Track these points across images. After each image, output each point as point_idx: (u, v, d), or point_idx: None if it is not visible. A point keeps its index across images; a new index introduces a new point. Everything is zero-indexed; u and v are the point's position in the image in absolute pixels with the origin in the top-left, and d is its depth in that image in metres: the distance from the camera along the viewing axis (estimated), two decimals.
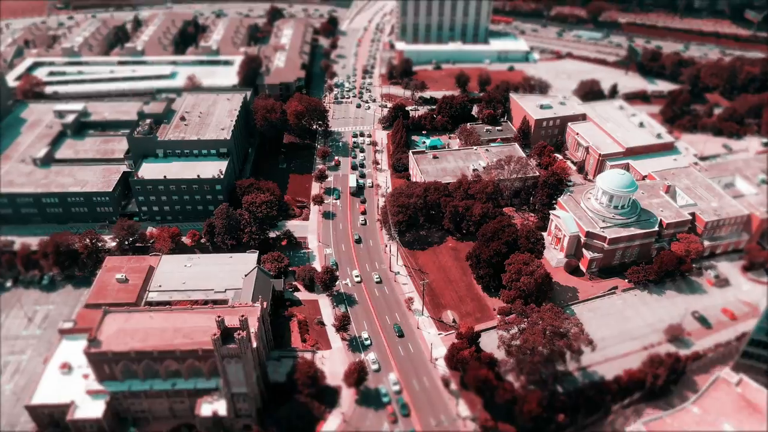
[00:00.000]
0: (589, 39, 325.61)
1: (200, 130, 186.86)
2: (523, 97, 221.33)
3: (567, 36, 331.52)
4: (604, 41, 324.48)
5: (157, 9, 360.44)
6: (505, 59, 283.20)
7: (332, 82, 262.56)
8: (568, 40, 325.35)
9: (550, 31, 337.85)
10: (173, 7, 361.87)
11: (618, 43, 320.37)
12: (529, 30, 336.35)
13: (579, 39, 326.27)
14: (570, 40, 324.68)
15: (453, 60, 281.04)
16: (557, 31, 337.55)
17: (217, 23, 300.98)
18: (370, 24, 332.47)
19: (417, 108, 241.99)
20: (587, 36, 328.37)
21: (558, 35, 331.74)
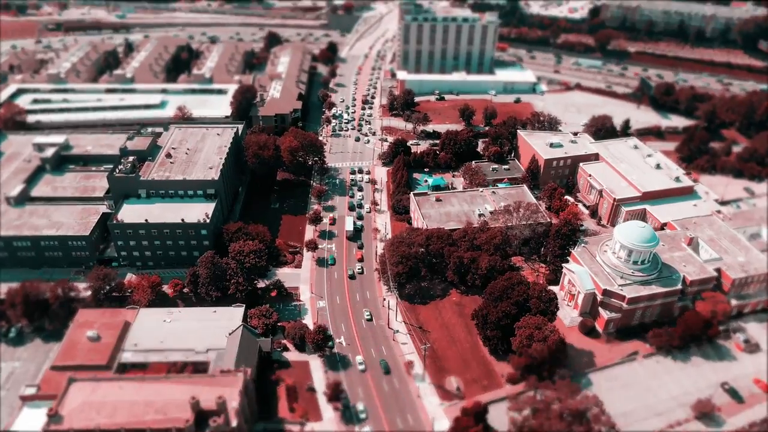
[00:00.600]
0: (589, 67, 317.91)
1: (187, 168, 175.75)
2: (532, 134, 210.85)
3: (566, 63, 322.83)
4: (611, 70, 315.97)
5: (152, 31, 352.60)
6: (511, 90, 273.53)
7: (330, 114, 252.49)
8: (566, 67, 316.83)
9: (547, 57, 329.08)
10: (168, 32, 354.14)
11: (621, 72, 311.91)
12: (526, 57, 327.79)
13: (578, 67, 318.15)
14: (569, 68, 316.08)
15: (457, 91, 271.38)
16: (555, 58, 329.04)
17: (211, 49, 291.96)
18: (371, 51, 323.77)
19: (418, 142, 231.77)
20: (587, 64, 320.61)
21: (556, 62, 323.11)
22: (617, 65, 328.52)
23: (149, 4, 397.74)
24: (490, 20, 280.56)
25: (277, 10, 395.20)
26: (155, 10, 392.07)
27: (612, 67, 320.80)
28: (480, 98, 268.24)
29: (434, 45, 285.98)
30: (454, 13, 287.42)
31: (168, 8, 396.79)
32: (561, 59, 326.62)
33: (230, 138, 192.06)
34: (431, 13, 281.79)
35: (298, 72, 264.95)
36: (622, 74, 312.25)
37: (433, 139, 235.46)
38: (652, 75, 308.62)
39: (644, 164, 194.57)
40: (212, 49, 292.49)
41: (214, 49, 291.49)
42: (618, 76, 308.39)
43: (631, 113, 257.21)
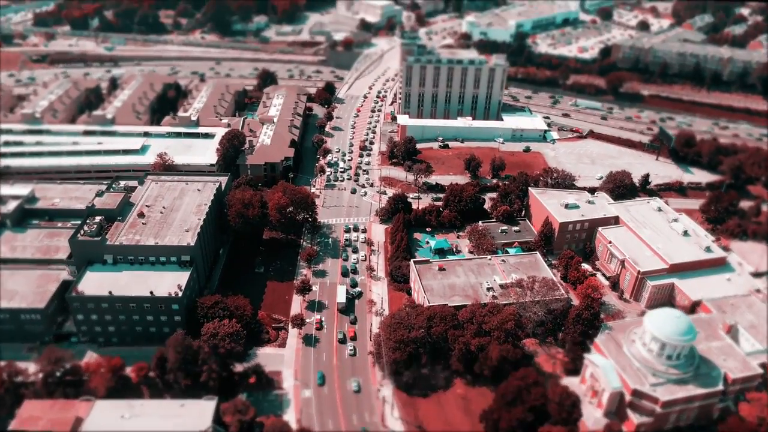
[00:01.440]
0: (587, 108, 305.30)
1: (160, 231, 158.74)
2: (545, 192, 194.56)
3: (563, 104, 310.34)
4: (610, 110, 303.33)
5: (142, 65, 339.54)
6: (520, 138, 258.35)
7: (325, 161, 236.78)
8: (564, 108, 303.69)
9: (542, 98, 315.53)
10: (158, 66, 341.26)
11: (630, 116, 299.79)
12: (522, 97, 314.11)
13: (576, 108, 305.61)
14: (567, 109, 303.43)
15: (462, 137, 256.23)
16: (550, 98, 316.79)
17: (200, 88, 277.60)
18: (370, 90, 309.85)
19: (420, 196, 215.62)
20: (584, 105, 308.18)
21: (552, 103, 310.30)
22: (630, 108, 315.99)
23: (140, 36, 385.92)
24: (498, 63, 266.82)
25: (274, 44, 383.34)
26: (146, 43, 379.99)
27: (613, 107, 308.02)
28: (487, 146, 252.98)
29: (438, 87, 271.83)
30: (459, 54, 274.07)
31: (160, 40, 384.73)
32: (558, 100, 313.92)
33: (212, 194, 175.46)
34: (435, 55, 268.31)
35: (292, 115, 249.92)
36: (630, 118, 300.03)
37: (436, 192, 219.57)
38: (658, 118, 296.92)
39: (670, 230, 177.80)
40: (201, 87, 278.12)
41: (203, 87, 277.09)
42: (629, 121, 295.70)
43: (650, 166, 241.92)
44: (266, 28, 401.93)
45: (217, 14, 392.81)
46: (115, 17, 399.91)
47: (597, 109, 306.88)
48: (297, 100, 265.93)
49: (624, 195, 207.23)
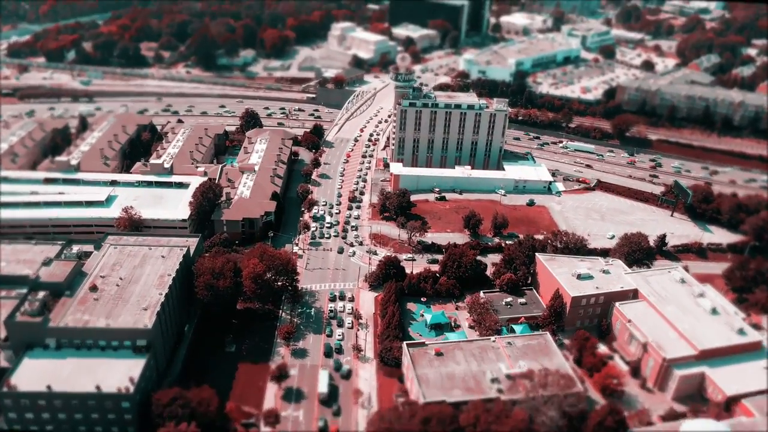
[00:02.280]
0: (577, 151, 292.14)
1: (114, 308, 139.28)
2: (554, 259, 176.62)
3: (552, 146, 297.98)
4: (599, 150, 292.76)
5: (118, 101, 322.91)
6: (523, 190, 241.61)
7: (310, 215, 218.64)
8: (552, 150, 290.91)
9: (532, 139, 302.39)
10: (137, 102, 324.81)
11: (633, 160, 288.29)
12: (509, 138, 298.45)
13: (566, 151, 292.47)
14: (555, 151, 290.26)
15: (460, 189, 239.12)
16: (538, 140, 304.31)
17: (177, 130, 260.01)
18: (362, 133, 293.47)
19: (414, 257, 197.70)
20: (573, 147, 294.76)
21: (539, 145, 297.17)
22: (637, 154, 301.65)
23: (119, 70, 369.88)
24: (499, 108, 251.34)
25: (261, 79, 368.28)
26: (125, 77, 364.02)
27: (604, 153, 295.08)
28: (487, 198, 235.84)
29: (434, 133, 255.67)
30: (457, 98, 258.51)
31: (140, 74, 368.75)
32: (546, 143, 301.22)
33: (177, 262, 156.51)
34: (431, 98, 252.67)
35: (275, 163, 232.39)
36: (633, 164, 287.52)
37: (432, 252, 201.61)
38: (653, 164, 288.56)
39: (696, 306, 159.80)
40: (178, 129, 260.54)
41: (180, 130, 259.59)
42: (633, 167, 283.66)
43: (665, 223, 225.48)
44: (253, 62, 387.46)
45: (201, 47, 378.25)
46: (93, 49, 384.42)
47: (589, 152, 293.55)
48: (281, 145, 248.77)
49: (640, 260, 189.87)
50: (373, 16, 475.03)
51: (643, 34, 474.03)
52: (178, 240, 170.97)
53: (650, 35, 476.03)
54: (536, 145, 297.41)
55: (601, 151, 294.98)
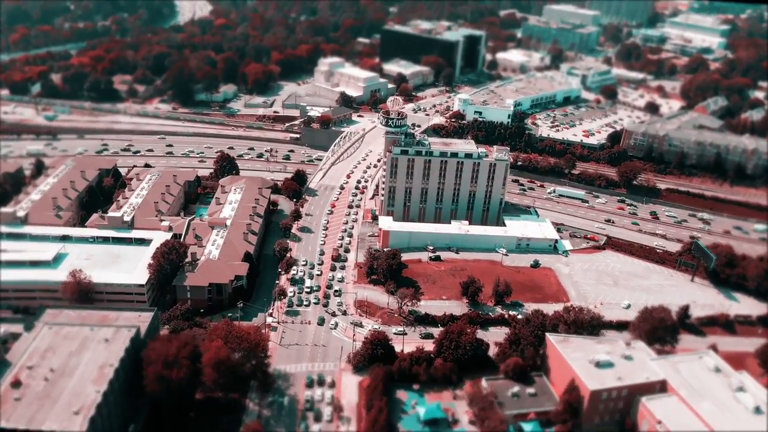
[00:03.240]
0: (566, 197, 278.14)
1: (39, 412, 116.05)
2: (567, 341, 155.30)
3: (538, 192, 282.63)
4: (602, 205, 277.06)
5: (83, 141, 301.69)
6: (526, 248, 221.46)
7: (288, 277, 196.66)
8: (534, 196, 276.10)
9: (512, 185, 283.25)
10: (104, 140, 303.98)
11: (621, 207, 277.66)
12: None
13: (553, 196, 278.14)
14: (538, 197, 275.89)
15: (456, 247, 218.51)
16: (520, 184, 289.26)
17: (143, 176, 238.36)
18: (348, 180, 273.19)
19: (405, 331, 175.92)
20: (563, 193, 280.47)
21: (521, 190, 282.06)
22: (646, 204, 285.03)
23: (89, 105, 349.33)
24: (500, 157, 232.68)
25: (241, 117, 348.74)
26: (95, 113, 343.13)
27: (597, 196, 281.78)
28: (486, 258, 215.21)
29: (428, 182, 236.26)
30: (454, 145, 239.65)
31: (111, 110, 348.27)
32: (531, 187, 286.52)
33: (124, 346, 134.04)
34: (425, 145, 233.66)
35: (250, 217, 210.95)
36: (634, 213, 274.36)
37: (426, 324, 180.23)
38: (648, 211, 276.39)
39: (735, 402, 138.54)
40: (144, 175, 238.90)
41: (146, 176, 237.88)
42: (640, 218, 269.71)
43: (685, 289, 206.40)
44: (234, 98, 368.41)
45: (178, 82, 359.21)
46: (62, 82, 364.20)
47: (579, 199, 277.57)
48: (258, 194, 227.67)
49: (663, 338, 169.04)
50: (363, 52, 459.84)
51: (645, 74, 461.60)
52: (129, 316, 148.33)
53: (652, 75, 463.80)
54: (517, 190, 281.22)
55: (602, 197, 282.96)
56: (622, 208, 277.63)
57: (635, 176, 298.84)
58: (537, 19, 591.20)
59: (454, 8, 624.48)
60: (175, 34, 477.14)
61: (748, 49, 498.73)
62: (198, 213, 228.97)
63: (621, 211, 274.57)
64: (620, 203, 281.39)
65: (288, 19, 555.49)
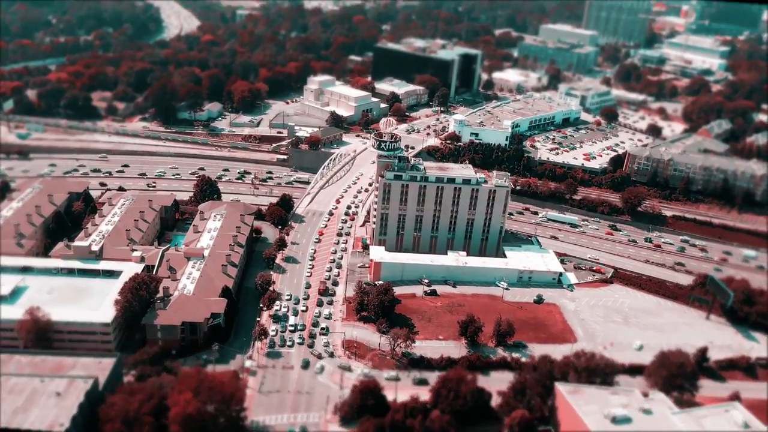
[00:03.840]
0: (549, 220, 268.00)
1: None
2: (579, 392, 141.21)
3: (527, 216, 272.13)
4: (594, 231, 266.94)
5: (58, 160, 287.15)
6: (528, 282, 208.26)
7: (270, 314, 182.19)
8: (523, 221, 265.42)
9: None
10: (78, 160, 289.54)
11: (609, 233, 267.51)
12: None
13: (544, 222, 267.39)
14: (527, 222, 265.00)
15: (453, 280, 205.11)
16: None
17: (116, 201, 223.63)
18: (338, 205, 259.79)
19: (398, 376, 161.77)
20: (555, 218, 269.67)
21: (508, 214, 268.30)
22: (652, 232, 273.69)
23: (65, 122, 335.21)
24: (500, 183, 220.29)
25: (227, 137, 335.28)
26: (71, 131, 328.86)
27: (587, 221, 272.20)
28: (486, 293, 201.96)
29: (423, 209, 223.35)
30: (451, 171, 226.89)
31: (90, 128, 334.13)
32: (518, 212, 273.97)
33: (77, 401, 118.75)
34: (420, 170, 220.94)
35: (230, 247, 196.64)
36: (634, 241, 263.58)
37: (422, 368, 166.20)
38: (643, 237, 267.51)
39: None
40: (117, 200, 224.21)
41: (119, 200, 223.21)
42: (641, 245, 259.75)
43: (701, 328, 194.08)
44: (219, 117, 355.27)
45: (160, 99, 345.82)
46: (38, 98, 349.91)
47: (572, 225, 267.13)
48: (240, 222, 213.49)
49: (682, 386, 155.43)
50: (355, 70, 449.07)
51: (645, 96, 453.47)
52: (88, 363, 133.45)
53: (653, 97, 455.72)
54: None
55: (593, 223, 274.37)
56: (611, 233, 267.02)
57: (640, 202, 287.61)
58: (533, 39, 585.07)
59: (448, 27, 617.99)
60: (159, 49, 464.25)
61: (749, 71, 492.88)
62: (175, 241, 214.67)
63: (609, 234, 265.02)
64: (610, 229, 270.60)
65: (278, 36, 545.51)
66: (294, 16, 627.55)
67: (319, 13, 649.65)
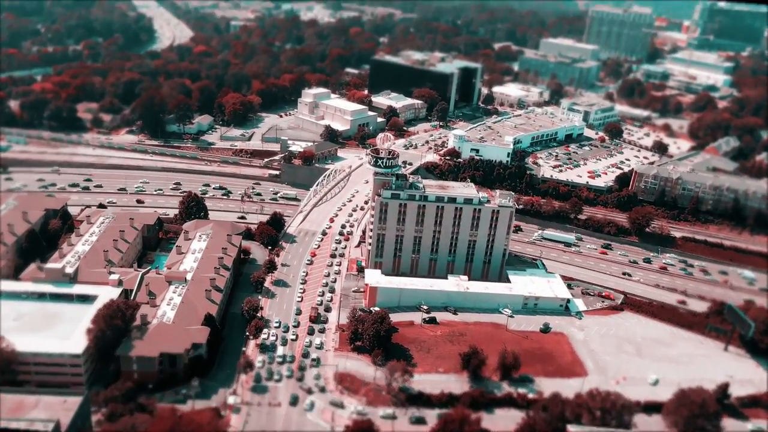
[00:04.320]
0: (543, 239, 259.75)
1: None
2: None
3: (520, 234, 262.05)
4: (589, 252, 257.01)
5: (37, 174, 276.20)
6: (534, 309, 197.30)
7: (257, 343, 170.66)
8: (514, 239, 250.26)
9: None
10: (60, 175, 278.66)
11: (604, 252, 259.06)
12: None
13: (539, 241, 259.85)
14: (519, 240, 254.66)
15: (454, 307, 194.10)
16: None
17: (95, 219, 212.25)
18: (332, 224, 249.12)
19: (395, 414, 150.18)
20: (544, 236, 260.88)
21: None
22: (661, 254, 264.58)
23: (49, 134, 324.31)
24: (503, 203, 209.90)
25: (217, 151, 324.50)
26: (54, 143, 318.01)
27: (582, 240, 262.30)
28: (489, 320, 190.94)
29: (422, 229, 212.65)
30: (452, 190, 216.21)
31: (74, 140, 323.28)
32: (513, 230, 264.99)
33: None
34: (419, 189, 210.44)
35: (215, 270, 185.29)
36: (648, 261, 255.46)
37: (420, 405, 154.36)
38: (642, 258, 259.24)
39: None
40: (96, 217, 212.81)
41: (99, 218, 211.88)
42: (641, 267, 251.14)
43: (718, 360, 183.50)
44: (210, 130, 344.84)
45: (148, 111, 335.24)
46: (21, 109, 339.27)
47: (569, 244, 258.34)
48: (227, 242, 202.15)
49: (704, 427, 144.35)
50: (351, 83, 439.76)
51: (649, 112, 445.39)
52: (51, 402, 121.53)
53: (657, 113, 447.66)
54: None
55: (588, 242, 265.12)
56: (604, 252, 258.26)
57: (648, 223, 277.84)
58: (534, 53, 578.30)
59: (447, 40, 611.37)
60: (149, 60, 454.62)
61: (755, 88, 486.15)
62: (157, 263, 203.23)
63: (602, 253, 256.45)
64: (604, 248, 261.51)
65: (272, 47, 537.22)
66: (289, 27, 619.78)
67: (315, 25, 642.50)
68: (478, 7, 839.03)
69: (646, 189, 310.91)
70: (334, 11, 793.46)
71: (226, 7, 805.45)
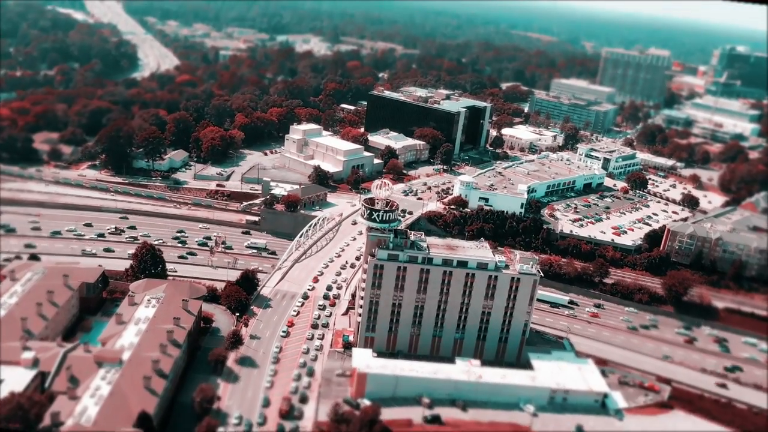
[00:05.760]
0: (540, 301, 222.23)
1: None
2: None
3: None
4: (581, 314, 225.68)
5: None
6: (562, 405, 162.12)
7: None
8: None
9: None
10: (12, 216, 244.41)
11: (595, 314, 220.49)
12: None
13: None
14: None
15: (463, 401, 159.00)
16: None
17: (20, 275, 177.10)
18: (315, 285, 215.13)
19: None
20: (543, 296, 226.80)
21: None
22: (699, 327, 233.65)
23: None
24: (525, 269, 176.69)
25: (188, 191, 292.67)
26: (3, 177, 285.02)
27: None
28: (507, 419, 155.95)
29: (424, 298, 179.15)
30: (462, 251, 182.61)
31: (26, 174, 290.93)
32: None
33: None
34: (422, 249, 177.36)
35: (161, 347, 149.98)
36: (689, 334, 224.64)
37: None
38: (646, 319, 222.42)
39: None
40: (22, 273, 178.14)
41: (25, 274, 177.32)
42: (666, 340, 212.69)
43: None
44: (183, 168, 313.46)
45: (114, 144, 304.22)
46: None
47: (563, 306, 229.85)
48: (182, 310, 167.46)
49: None
50: (346, 119, 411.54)
51: (674, 161, 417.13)
52: None
53: (682, 162, 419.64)
54: None
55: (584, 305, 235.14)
56: (596, 315, 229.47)
57: (686, 291, 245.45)
58: (546, 94, 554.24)
59: (451, 77, 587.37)
60: (124, 88, 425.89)
61: None
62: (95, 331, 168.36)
63: (594, 316, 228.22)
64: (596, 308, 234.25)
65: (263, 79, 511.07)
66: (282, 58, 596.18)
67: (310, 57, 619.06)
68: (483, 45, 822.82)
69: (681, 250, 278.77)
70: (332, 44, 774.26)
71: (217, 36, 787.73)
